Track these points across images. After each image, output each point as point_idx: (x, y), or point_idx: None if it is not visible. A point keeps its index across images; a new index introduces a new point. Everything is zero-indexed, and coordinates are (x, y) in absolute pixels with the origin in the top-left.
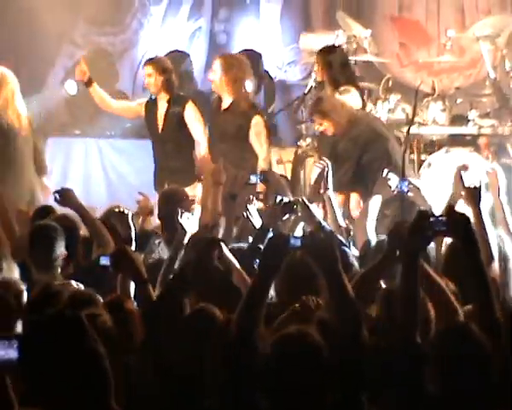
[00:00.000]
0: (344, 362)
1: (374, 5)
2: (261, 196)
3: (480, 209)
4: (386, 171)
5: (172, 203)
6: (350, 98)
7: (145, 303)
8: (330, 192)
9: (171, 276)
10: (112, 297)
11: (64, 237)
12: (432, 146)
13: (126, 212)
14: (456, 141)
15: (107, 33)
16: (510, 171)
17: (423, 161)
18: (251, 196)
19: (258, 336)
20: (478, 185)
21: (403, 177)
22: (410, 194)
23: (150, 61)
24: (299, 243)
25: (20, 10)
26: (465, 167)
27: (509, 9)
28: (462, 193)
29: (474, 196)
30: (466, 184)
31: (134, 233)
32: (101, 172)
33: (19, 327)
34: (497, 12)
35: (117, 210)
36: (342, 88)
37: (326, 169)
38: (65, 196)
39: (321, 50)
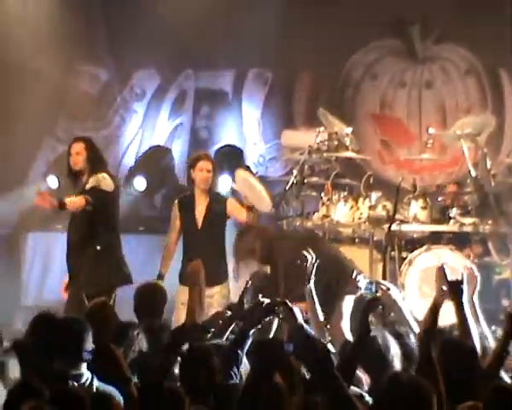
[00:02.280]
0: None
1: (355, 103)
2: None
3: (462, 303)
4: (355, 272)
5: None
6: None
7: (128, 401)
8: (311, 285)
9: None
10: (98, 394)
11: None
12: (413, 243)
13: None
14: (437, 239)
15: (89, 128)
16: (492, 268)
17: (404, 258)
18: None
19: None
20: (460, 279)
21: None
22: (378, 294)
23: (210, 158)
24: (291, 348)
25: (2, 102)
26: (443, 266)
27: (489, 108)
28: (444, 288)
29: (456, 289)
30: (449, 278)
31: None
32: None
33: None
34: (478, 111)
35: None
36: None
37: (311, 261)
38: None
39: None
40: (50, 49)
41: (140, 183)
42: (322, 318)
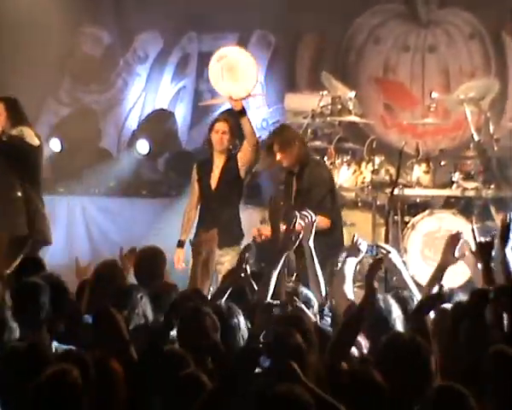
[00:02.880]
0: None
1: (359, 67)
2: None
3: (489, 265)
4: (356, 235)
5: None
6: None
7: (128, 364)
8: (311, 243)
9: None
10: (97, 356)
11: (49, 296)
12: (415, 207)
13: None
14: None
15: (92, 91)
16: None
17: (407, 222)
18: None
19: None
20: (489, 240)
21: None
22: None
23: (226, 119)
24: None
25: (4, 64)
26: (458, 235)
27: (492, 72)
28: (456, 255)
29: (486, 250)
30: (477, 240)
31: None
32: (84, 230)
33: None
34: (481, 75)
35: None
36: None
37: (312, 220)
38: None
39: None
40: (55, 11)
41: (143, 146)
42: (321, 277)
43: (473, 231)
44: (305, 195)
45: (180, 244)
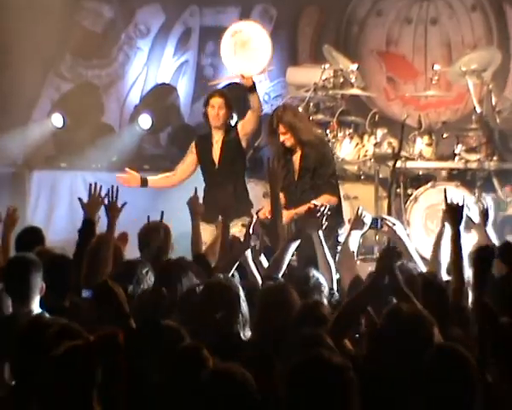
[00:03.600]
0: None
1: (361, 39)
2: None
3: (458, 230)
4: (360, 208)
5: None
6: None
7: (128, 337)
8: (320, 233)
9: None
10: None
11: (41, 270)
12: (418, 180)
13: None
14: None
15: (94, 66)
16: (497, 205)
17: (410, 195)
18: None
19: None
20: (460, 204)
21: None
22: (384, 230)
23: (222, 94)
24: None
25: (6, 39)
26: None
27: (494, 44)
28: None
29: (455, 213)
30: (448, 201)
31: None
32: None
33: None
34: (483, 47)
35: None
36: None
37: (325, 208)
38: None
39: None
40: None
41: (145, 121)
42: (332, 264)
43: (445, 191)
44: (312, 173)
45: (143, 182)
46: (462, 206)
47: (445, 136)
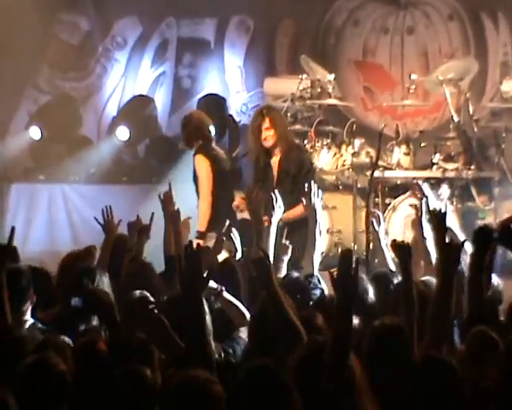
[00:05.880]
0: None
1: (338, 50)
2: None
3: (444, 236)
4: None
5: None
6: None
7: (113, 346)
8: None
9: None
10: (84, 341)
11: (30, 282)
12: (396, 190)
13: None
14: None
15: (71, 78)
16: (475, 213)
17: (388, 204)
18: None
19: None
20: (443, 211)
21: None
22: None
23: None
24: None
25: None
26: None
27: (472, 53)
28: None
29: (440, 220)
30: (431, 208)
31: None
32: (65, 217)
33: None
34: (460, 56)
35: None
36: None
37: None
38: None
39: None
40: None
41: (123, 132)
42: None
43: (422, 200)
44: (292, 178)
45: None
46: (445, 213)
47: (422, 145)
